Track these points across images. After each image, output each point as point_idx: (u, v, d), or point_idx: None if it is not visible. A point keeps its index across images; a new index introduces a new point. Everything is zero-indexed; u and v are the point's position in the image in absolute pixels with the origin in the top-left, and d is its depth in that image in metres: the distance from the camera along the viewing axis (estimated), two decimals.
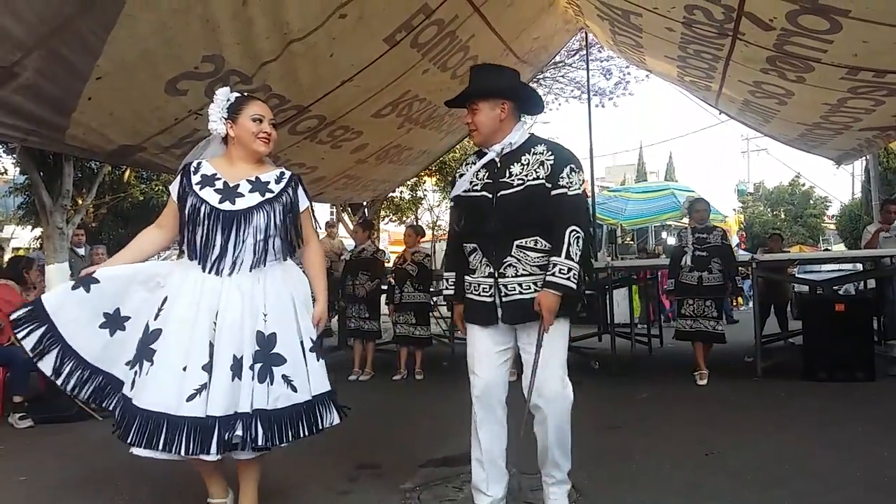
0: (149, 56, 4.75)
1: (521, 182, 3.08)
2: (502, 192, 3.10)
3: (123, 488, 3.85)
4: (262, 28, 5.03)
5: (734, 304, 14.80)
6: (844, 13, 4.45)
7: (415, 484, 3.75)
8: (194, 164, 3.15)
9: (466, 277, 3.25)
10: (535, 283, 3.07)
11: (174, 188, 3.12)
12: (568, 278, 2.98)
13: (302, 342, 3.05)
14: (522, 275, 3.07)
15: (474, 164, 3.21)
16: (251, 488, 3.09)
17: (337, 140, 7.59)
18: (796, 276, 9.77)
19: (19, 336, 2.93)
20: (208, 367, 2.84)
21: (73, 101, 4.81)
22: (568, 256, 2.99)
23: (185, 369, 2.84)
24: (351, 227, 13.87)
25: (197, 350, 2.86)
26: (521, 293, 3.08)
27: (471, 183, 3.18)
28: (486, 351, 3.19)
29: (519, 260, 3.08)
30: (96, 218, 15.07)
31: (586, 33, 10.29)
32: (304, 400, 2.99)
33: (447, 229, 3.52)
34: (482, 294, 3.16)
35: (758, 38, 5.42)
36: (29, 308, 2.97)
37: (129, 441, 2.83)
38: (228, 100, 3.13)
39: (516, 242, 3.08)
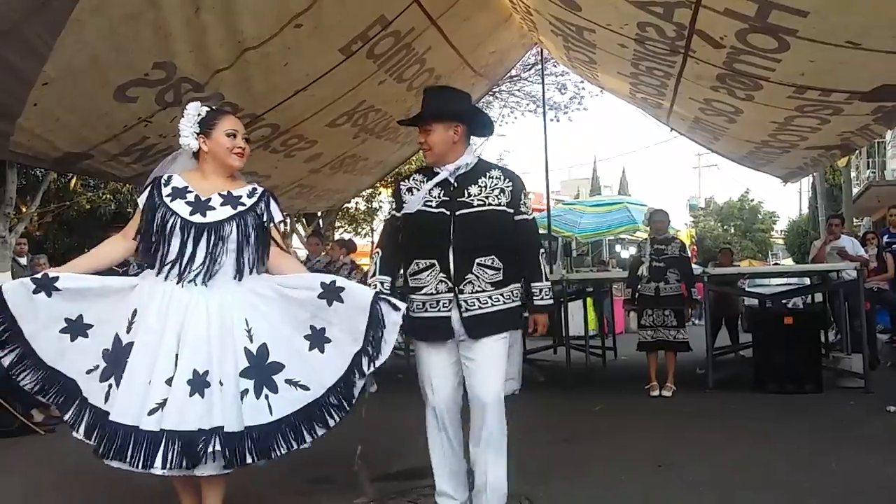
0: (98, 62, 4.64)
1: (481, 203, 3.18)
2: (462, 211, 3.17)
3: None
4: (216, 36, 4.95)
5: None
6: (792, 32, 4.55)
7: (368, 499, 3.69)
8: (164, 176, 3.10)
9: (412, 295, 3.25)
10: (490, 298, 3.17)
11: (142, 200, 3.07)
12: (550, 297, 3.31)
13: (307, 336, 2.97)
14: (478, 291, 3.15)
15: (422, 181, 3.25)
16: None
17: (290, 149, 7.51)
18: (746, 289, 9.94)
19: None
20: (171, 381, 2.76)
21: (18, 107, 4.67)
22: (546, 279, 3.29)
23: (150, 382, 2.77)
24: (305, 238, 13.74)
25: (162, 363, 2.78)
26: (480, 307, 3.15)
27: (425, 200, 3.20)
28: (442, 366, 3.24)
29: (478, 277, 3.15)
30: (41, 227, 14.65)
31: (542, 48, 10.38)
32: (315, 398, 2.95)
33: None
34: (440, 309, 3.18)
35: (708, 56, 5.51)
36: None
37: (101, 453, 2.76)
38: (199, 114, 3.08)
39: (477, 260, 3.15)
